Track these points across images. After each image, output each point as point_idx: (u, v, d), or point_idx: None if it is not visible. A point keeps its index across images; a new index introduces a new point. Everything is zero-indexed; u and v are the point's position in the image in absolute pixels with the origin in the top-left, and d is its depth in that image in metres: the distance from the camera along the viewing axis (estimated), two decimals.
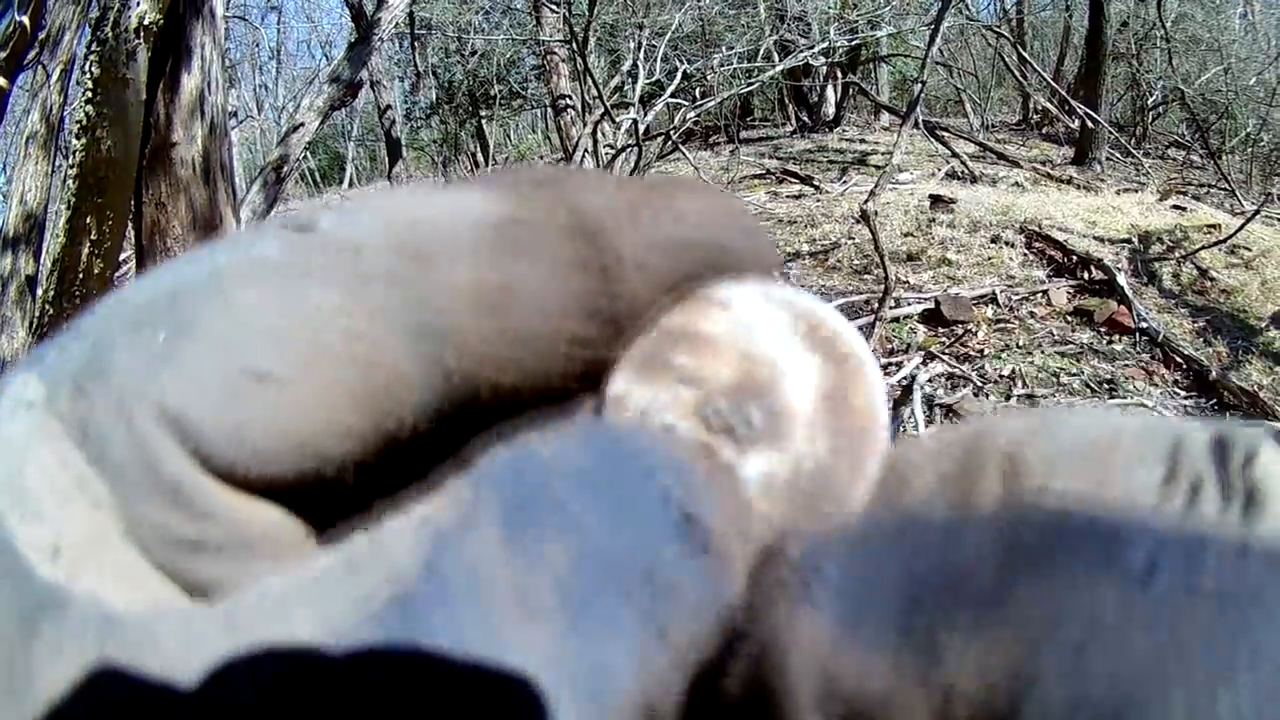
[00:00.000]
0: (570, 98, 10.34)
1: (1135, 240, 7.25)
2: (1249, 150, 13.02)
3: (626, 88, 8.66)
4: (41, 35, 4.02)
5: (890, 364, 5.55)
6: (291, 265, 0.21)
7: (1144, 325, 5.79)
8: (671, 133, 8.13)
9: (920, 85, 6.06)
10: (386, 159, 13.17)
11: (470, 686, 0.18)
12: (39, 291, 3.76)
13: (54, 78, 4.39)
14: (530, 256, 0.22)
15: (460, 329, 0.21)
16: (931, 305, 6.08)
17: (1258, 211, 6.99)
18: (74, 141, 3.26)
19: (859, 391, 0.24)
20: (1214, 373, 5.29)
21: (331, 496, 0.22)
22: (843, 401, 0.24)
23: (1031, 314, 6.17)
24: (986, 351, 5.67)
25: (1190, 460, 0.20)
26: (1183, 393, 5.26)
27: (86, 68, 3.21)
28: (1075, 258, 6.80)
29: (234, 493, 0.21)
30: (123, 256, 5.30)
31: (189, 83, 3.57)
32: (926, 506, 0.21)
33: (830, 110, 14.54)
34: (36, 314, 3.54)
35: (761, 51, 10.26)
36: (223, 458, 0.20)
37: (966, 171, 9.92)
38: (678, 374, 0.24)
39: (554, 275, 0.22)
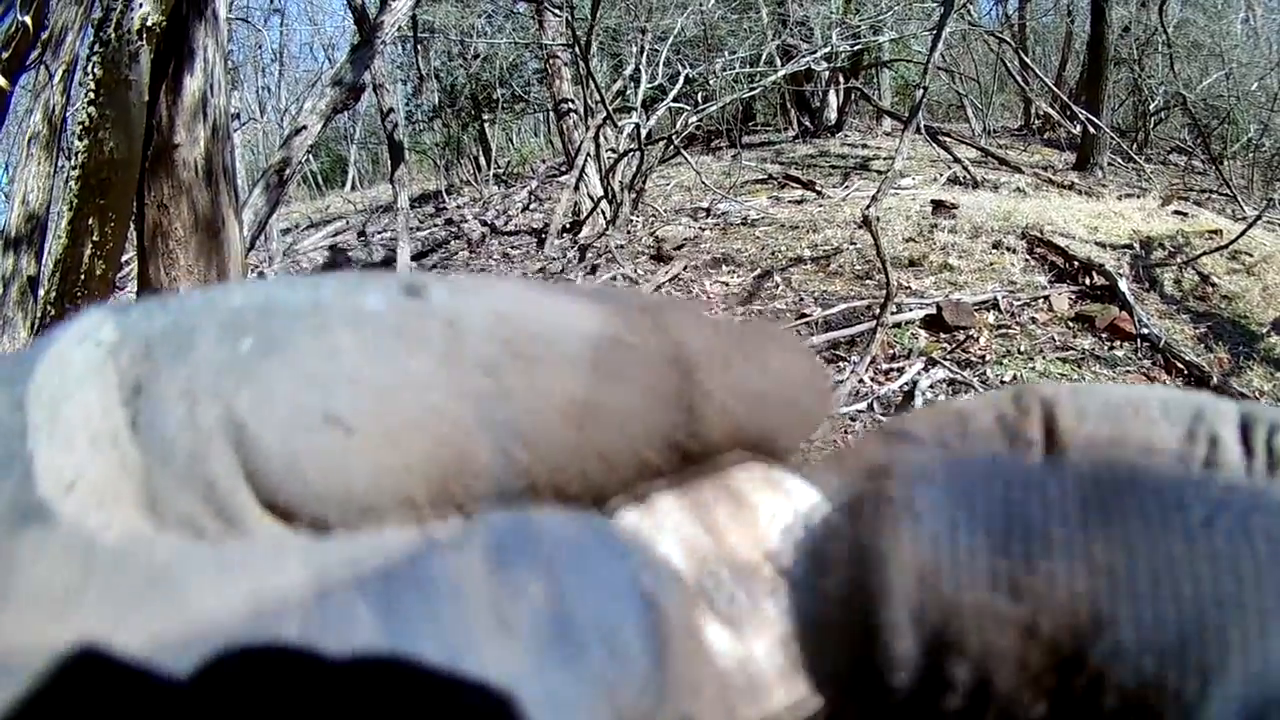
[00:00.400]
0: (573, 101, 10.35)
1: (1137, 246, 7.24)
2: (1250, 156, 13.03)
3: (629, 92, 8.68)
4: (44, 36, 4.03)
5: (892, 369, 5.55)
6: (395, 324, 0.21)
7: (1145, 331, 5.78)
8: (673, 137, 8.14)
9: (922, 91, 6.05)
10: (389, 162, 13.19)
11: (443, 679, 0.19)
12: (40, 292, 3.76)
13: (56, 78, 4.39)
14: (624, 381, 0.22)
15: (543, 433, 0.22)
16: (933, 311, 6.08)
17: (1259, 217, 6.98)
18: (76, 143, 3.26)
19: None
20: (1215, 378, 5.29)
21: None
22: None
23: (1033, 320, 6.17)
24: (988, 357, 5.66)
25: (1208, 426, 0.22)
26: None
27: (89, 69, 3.21)
28: (1077, 263, 6.79)
29: (266, 513, 0.20)
30: (125, 258, 5.30)
31: (191, 84, 3.57)
32: (989, 442, 0.23)
33: (832, 115, 14.55)
34: (38, 315, 3.54)
35: (764, 56, 10.27)
36: (270, 482, 0.20)
37: (968, 177, 9.92)
38: (709, 521, 0.24)
39: (643, 402, 0.22)
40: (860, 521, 0.22)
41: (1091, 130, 10.38)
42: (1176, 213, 8.34)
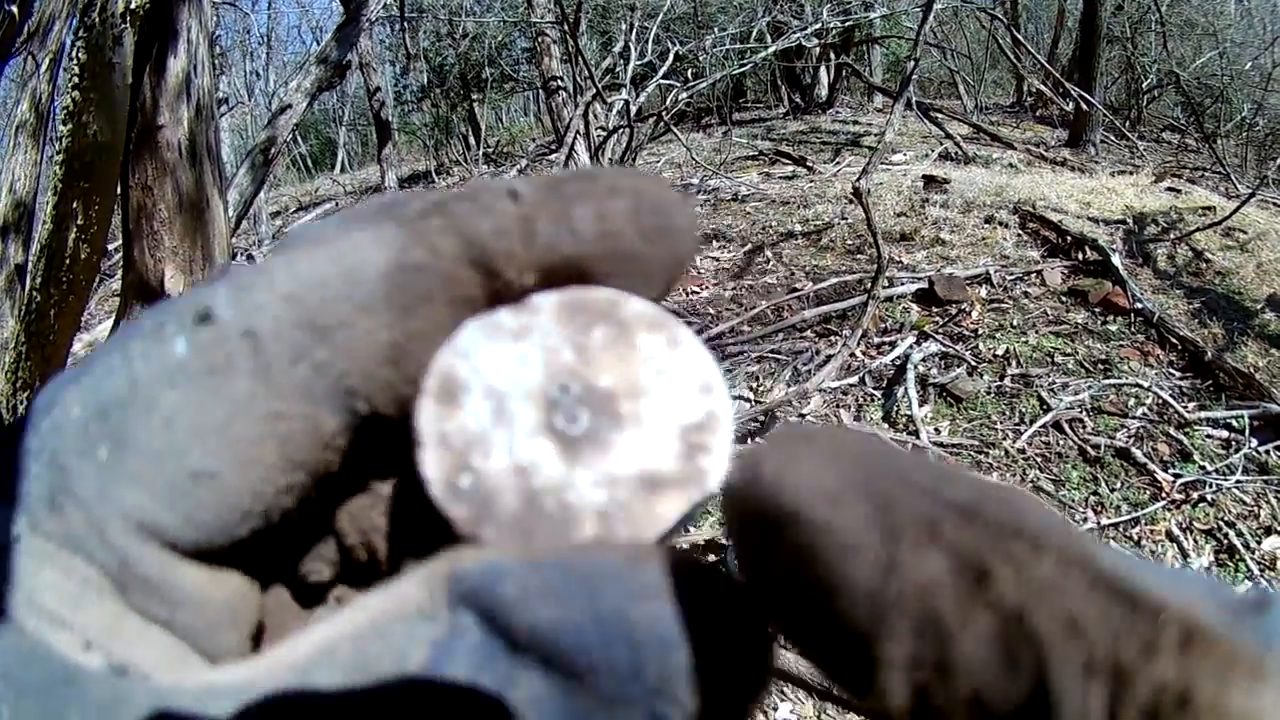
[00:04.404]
0: (562, 80, 10.32)
1: (1130, 221, 7.24)
2: (1244, 135, 13.04)
3: (618, 69, 8.64)
4: (30, 24, 4.00)
5: (883, 343, 5.55)
6: (202, 364, 0.23)
7: (1139, 306, 5.78)
8: (663, 114, 8.10)
9: (913, 63, 6.03)
10: (376, 142, 13.15)
11: None
12: (27, 280, 3.75)
13: (43, 67, 4.36)
14: (422, 305, 0.23)
15: (368, 382, 0.24)
16: (925, 285, 6.07)
17: (1253, 194, 6.98)
18: (60, 127, 3.24)
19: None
20: (1209, 354, 5.28)
21: (273, 541, 0.25)
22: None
23: (1026, 294, 6.16)
24: (980, 331, 5.65)
25: None
26: (1177, 374, 5.25)
27: (74, 53, 3.19)
28: (1070, 238, 6.78)
29: (199, 570, 0.24)
30: (113, 246, 5.28)
31: (175, 65, 3.54)
32: None
33: (823, 92, 14.54)
34: (25, 302, 3.52)
35: (754, 33, 10.23)
36: (186, 541, 0.23)
37: (960, 152, 9.91)
38: (581, 340, 0.24)
39: (447, 318, 0.24)
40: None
41: (1084, 107, 10.36)
42: (1170, 189, 8.34)
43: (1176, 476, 4.20)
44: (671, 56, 8.43)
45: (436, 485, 0.23)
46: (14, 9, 3.50)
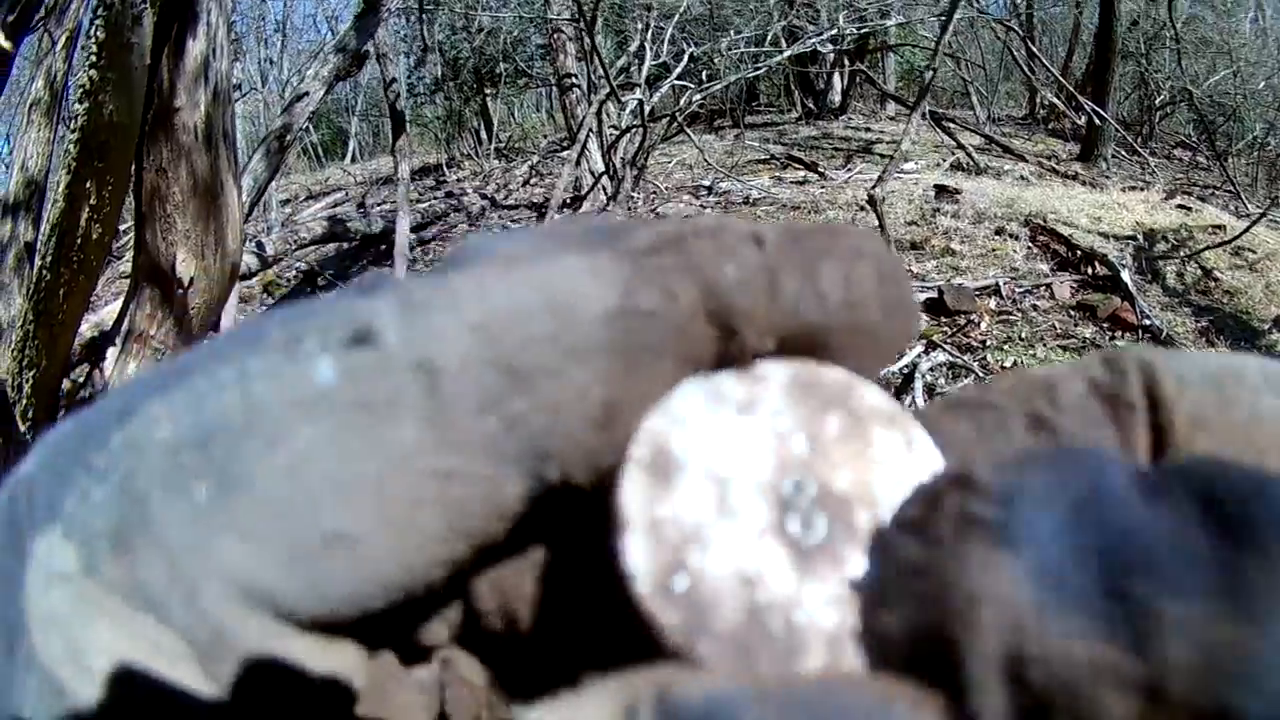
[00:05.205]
0: (576, 77, 10.30)
1: (1140, 238, 7.23)
2: (1255, 154, 13.00)
3: (632, 69, 8.63)
4: (48, 1, 4.00)
5: None
6: (354, 398, 0.18)
7: (1147, 322, 5.77)
8: (677, 114, 8.10)
9: (931, 74, 6.02)
10: (390, 134, 13.14)
11: None
12: (37, 259, 3.75)
13: (59, 45, 4.36)
14: (649, 360, 0.19)
15: (569, 445, 0.19)
16: (935, 295, 6.06)
17: (1263, 214, 6.97)
18: (76, 106, 3.23)
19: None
20: None
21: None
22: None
23: (1034, 307, 6.15)
24: (989, 342, 5.65)
25: None
26: None
27: (91, 32, 3.18)
28: (1079, 252, 6.78)
29: (311, 641, 0.19)
30: (124, 227, 5.28)
31: (194, 47, 3.53)
32: (1085, 413, 0.20)
33: (836, 98, 14.51)
34: (34, 281, 3.51)
35: (769, 37, 10.22)
36: (305, 614, 0.19)
37: (971, 163, 9.89)
38: (815, 428, 0.20)
39: (671, 379, 0.20)
40: (937, 547, 0.17)
41: (1097, 122, 10.34)
42: (1180, 207, 8.32)
43: None
44: (686, 57, 8.42)
45: (645, 583, 0.19)
46: None
